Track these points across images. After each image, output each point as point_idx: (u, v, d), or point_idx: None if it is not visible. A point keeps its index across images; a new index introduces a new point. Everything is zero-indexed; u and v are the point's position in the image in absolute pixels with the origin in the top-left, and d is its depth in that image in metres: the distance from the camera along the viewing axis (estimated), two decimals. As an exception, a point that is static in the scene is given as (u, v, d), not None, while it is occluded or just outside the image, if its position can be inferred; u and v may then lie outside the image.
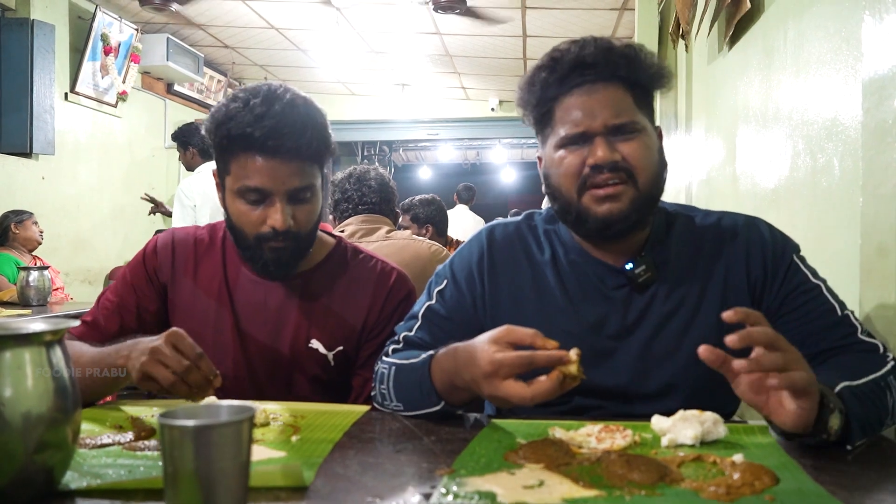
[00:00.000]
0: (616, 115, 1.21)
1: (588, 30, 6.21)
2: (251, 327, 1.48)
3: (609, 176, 1.20)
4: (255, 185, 1.35)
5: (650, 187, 1.23)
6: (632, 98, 1.23)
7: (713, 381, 1.22)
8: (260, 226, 1.37)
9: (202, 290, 1.50)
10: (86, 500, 0.82)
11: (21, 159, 5.05)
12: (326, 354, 1.48)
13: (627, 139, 1.21)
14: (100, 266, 5.93)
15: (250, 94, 1.36)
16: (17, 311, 3.37)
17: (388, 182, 2.78)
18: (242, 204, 1.38)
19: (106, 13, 5.64)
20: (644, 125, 1.24)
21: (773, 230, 1.31)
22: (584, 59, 1.22)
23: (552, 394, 0.99)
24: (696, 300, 1.27)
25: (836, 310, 1.21)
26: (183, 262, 1.52)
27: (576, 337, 1.23)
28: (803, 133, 1.88)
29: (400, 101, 8.97)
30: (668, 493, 0.82)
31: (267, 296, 1.49)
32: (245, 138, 1.33)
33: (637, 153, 1.21)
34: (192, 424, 0.69)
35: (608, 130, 1.21)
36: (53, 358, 0.83)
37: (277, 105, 1.34)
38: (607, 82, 1.22)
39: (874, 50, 1.25)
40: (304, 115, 1.36)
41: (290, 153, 1.34)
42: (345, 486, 0.86)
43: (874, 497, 0.85)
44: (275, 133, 1.32)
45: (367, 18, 6.18)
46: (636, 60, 1.23)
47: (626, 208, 1.21)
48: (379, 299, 1.51)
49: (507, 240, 1.37)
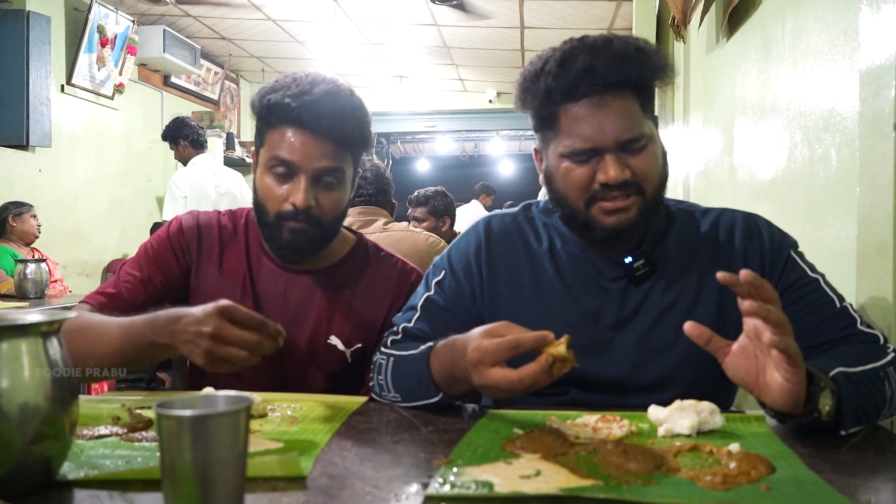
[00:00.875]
0: (627, 130, 1.18)
1: (586, 21, 6.20)
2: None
3: (619, 193, 1.20)
4: (285, 156, 1.35)
5: (657, 194, 1.24)
6: (639, 105, 1.20)
7: (710, 374, 1.23)
8: (282, 203, 1.37)
9: (227, 278, 1.48)
10: (83, 490, 0.82)
11: (18, 152, 5.03)
12: (345, 351, 1.47)
13: (637, 153, 1.19)
14: (97, 259, 5.93)
15: (299, 76, 1.39)
16: (14, 304, 3.37)
17: (384, 173, 2.77)
18: (269, 177, 1.38)
19: (102, 5, 5.62)
20: (651, 133, 1.22)
21: (772, 226, 1.31)
22: (594, 69, 1.16)
23: (540, 377, 0.99)
24: (693, 295, 1.27)
25: (835, 302, 1.22)
26: (208, 247, 1.50)
27: (573, 327, 1.24)
28: (801, 124, 1.88)
29: (397, 93, 8.95)
30: (665, 482, 0.82)
31: (288, 288, 1.48)
32: (283, 108, 1.34)
33: (646, 166, 1.20)
34: (189, 414, 0.69)
35: (619, 146, 1.18)
36: (50, 349, 0.83)
37: (322, 86, 1.36)
38: (617, 92, 1.17)
39: (872, 40, 1.24)
40: (344, 101, 1.38)
41: (322, 131, 1.34)
42: (342, 477, 0.86)
43: (870, 486, 0.85)
44: (312, 108, 1.34)
45: (365, 10, 6.16)
46: (645, 64, 1.19)
47: (635, 217, 1.21)
48: (400, 299, 1.51)
49: (505, 230, 1.37)
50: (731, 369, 0.98)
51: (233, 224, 1.54)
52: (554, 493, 0.78)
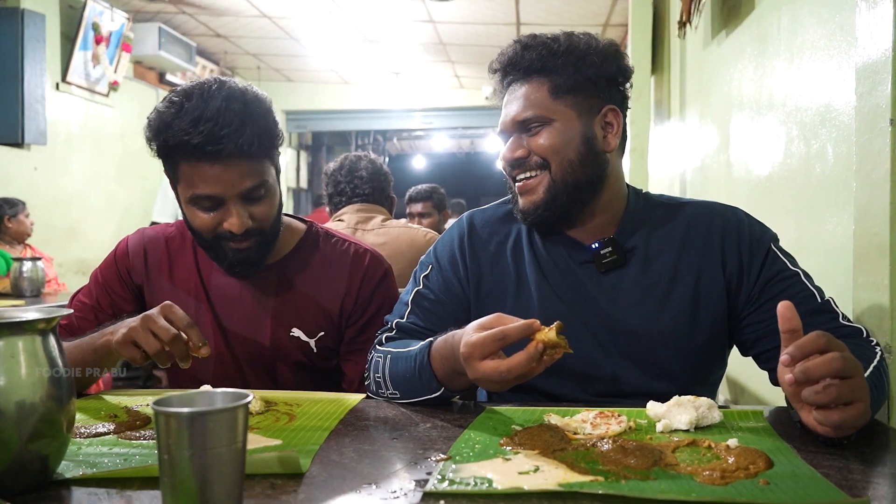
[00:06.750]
0: (522, 111, 1.28)
1: (582, 17, 6.20)
2: (230, 322, 1.47)
3: (520, 171, 1.30)
4: (206, 192, 1.31)
5: (567, 174, 1.27)
6: (547, 90, 1.27)
7: (685, 365, 1.24)
8: (217, 227, 1.35)
9: (179, 289, 1.49)
10: (81, 488, 0.82)
11: (13, 150, 5.02)
12: (308, 342, 1.47)
13: (535, 132, 1.28)
14: (93, 256, 5.91)
15: (184, 97, 1.31)
16: (10, 302, 3.36)
17: (381, 169, 2.77)
18: (198, 211, 1.35)
19: (97, 2, 5.60)
20: (557, 115, 1.27)
21: (752, 220, 1.32)
22: (507, 59, 1.32)
23: (530, 365, 0.98)
24: (668, 284, 1.28)
25: (817, 296, 1.23)
26: (157, 262, 1.51)
27: (552, 311, 1.26)
28: (797, 119, 1.88)
29: (393, 90, 8.94)
30: (664, 477, 0.82)
31: (242, 290, 1.48)
32: (184, 147, 1.28)
33: (544, 144, 1.26)
34: (187, 412, 0.69)
35: (517, 127, 1.30)
36: (47, 347, 0.83)
37: (213, 104, 1.28)
38: (525, 79, 1.30)
39: (868, 35, 1.24)
40: (242, 111, 1.30)
41: (232, 156, 1.29)
42: (341, 473, 0.86)
43: (867, 480, 0.85)
44: (213, 137, 1.26)
45: (361, 7, 6.14)
46: (553, 51, 1.28)
47: (540, 199, 1.28)
48: (355, 282, 1.50)
49: (486, 222, 1.40)
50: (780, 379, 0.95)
51: (181, 234, 1.53)
52: (553, 489, 0.78)
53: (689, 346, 1.26)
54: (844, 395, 0.88)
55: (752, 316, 1.25)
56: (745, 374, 2.34)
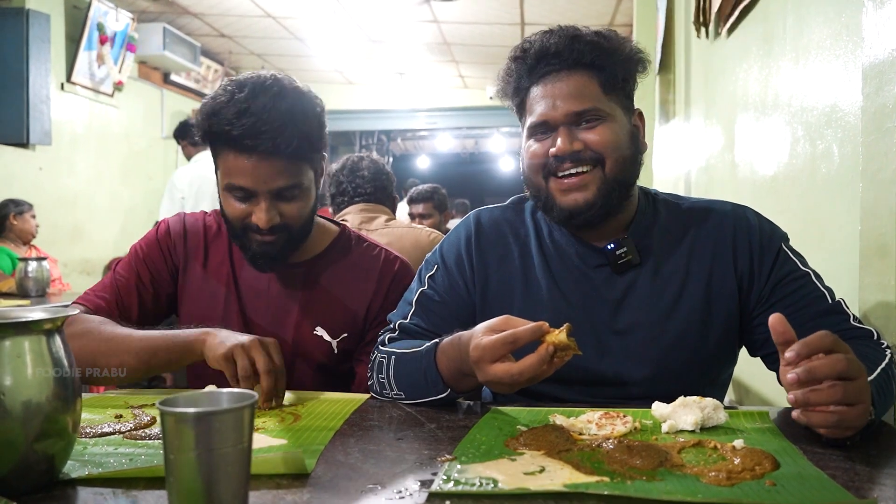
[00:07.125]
0: (578, 103, 1.22)
1: (586, 16, 6.19)
2: (255, 315, 1.49)
3: (571, 165, 1.23)
4: (239, 183, 1.34)
5: (619, 172, 1.24)
6: (598, 84, 1.24)
7: (694, 368, 1.24)
8: (246, 219, 1.37)
9: (212, 277, 1.51)
10: (87, 488, 0.82)
11: (18, 150, 5.03)
12: (331, 342, 1.48)
13: (591, 126, 1.23)
14: (98, 256, 5.93)
15: (237, 88, 1.34)
16: (16, 302, 3.37)
17: (383, 169, 2.77)
18: (231, 199, 1.38)
19: (102, 2, 5.61)
20: (610, 111, 1.24)
21: (762, 218, 1.31)
22: (548, 49, 1.24)
23: (541, 367, 0.98)
24: (680, 285, 1.27)
25: (827, 297, 1.22)
26: (194, 248, 1.53)
27: (562, 314, 1.25)
28: (803, 119, 1.87)
29: (397, 90, 8.95)
30: (670, 478, 0.82)
31: (269, 284, 1.50)
32: (225, 135, 1.32)
33: (601, 139, 1.23)
34: (193, 411, 0.69)
35: (570, 119, 1.23)
36: (53, 346, 0.83)
37: (261, 99, 1.31)
38: (571, 70, 1.24)
39: (874, 35, 1.24)
40: (287, 111, 1.32)
41: (268, 152, 1.31)
42: (346, 474, 0.86)
43: (874, 481, 0.85)
44: (252, 131, 1.29)
45: (365, 7, 6.15)
46: (603, 47, 1.24)
47: (593, 196, 1.23)
48: (383, 287, 1.52)
49: (494, 223, 1.39)
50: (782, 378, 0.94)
51: (217, 224, 1.55)
52: (558, 489, 0.78)
53: (701, 346, 1.26)
54: (847, 396, 0.88)
55: (763, 316, 1.24)
56: (751, 374, 2.34)
